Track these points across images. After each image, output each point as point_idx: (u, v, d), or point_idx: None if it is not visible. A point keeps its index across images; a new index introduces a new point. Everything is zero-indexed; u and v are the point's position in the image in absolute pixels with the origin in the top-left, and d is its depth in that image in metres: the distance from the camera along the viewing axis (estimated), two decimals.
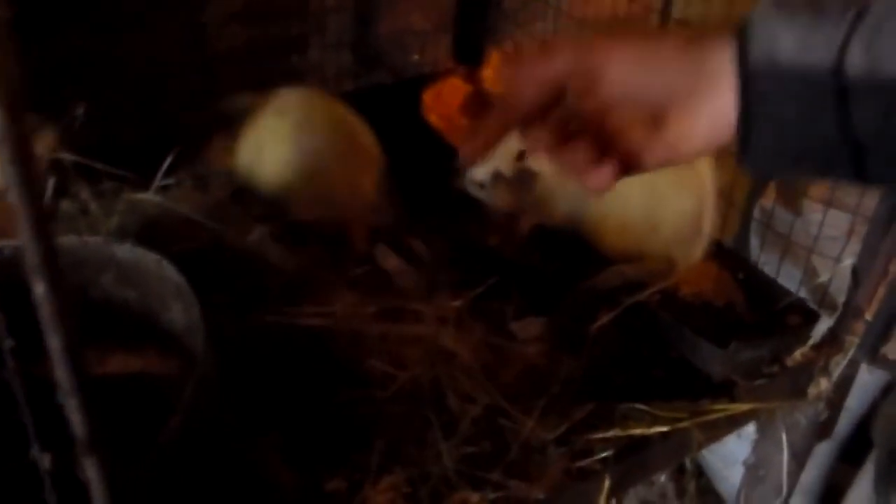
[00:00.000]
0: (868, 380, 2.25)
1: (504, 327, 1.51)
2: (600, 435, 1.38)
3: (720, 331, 1.54)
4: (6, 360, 0.73)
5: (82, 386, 0.73)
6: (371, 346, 1.36)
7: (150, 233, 1.38)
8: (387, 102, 2.09)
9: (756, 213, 2.81)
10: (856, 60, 0.62)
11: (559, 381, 1.45)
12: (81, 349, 0.72)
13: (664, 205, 1.61)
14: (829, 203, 2.31)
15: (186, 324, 1.25)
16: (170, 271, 1.22)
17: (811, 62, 0.64)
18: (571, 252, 1.67)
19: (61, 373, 0.72)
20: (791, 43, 0.65)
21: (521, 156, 1.63)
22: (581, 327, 1.52)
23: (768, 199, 2.84)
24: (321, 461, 1.26)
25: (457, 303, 1.48)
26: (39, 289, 0.67)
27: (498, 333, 1.48)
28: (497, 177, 1.66)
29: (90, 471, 0.77)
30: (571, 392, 1.44)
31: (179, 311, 1.24)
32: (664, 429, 1.41)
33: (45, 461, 0.76)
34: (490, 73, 2.03)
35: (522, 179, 1.64)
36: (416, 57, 2.34)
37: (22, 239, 0.64)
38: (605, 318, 1.53)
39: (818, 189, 2.62)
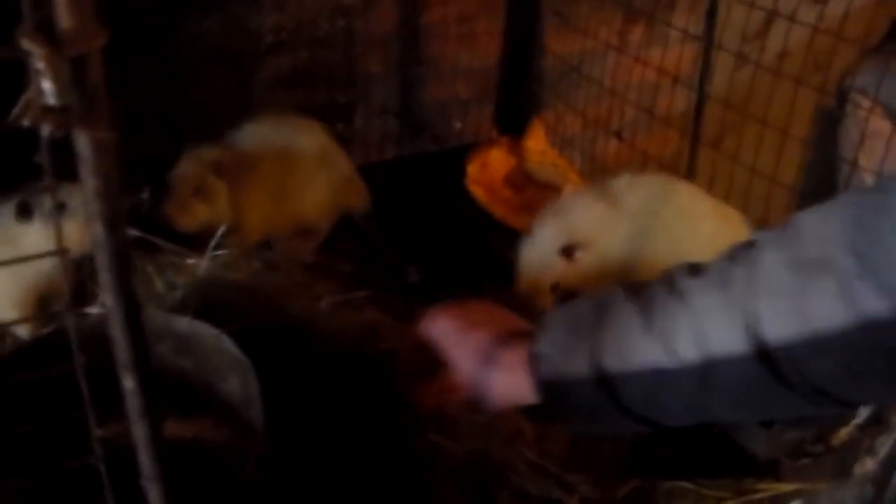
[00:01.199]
0: None
1: None
2: None
3: None
4: (94, 447, 0.77)
5: (164, 475, 0.76)
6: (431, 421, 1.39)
7: (212, 304, 1.42)
8: (430, 170, 2.14)
9: None
10: (611, 363, 0.91)
11: (604, 458, 1.46)
12: (164, 440, 0.76)
13: None
14: None
15: (244, 396, 1.29)
16: (227, 345, 1.26)
17: (577, 370, 0.92)
18: None
19: (145, 460, 0.76)
20: (560, 358, 0.94)
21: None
22: None
23: None
24: None
25: None
26: (129, 384, 0.71)
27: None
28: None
29: None
30: (616, 468, 1.45)
31: (236, 383, 1.28)
32: None
33: None
34: (532, 145, 2.08)
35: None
36: (458, 125, 2.39)
37: (114, 336, 0.69)
38: None
39: None
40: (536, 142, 2.16)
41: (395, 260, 1.84)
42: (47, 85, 0.55)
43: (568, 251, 1.64)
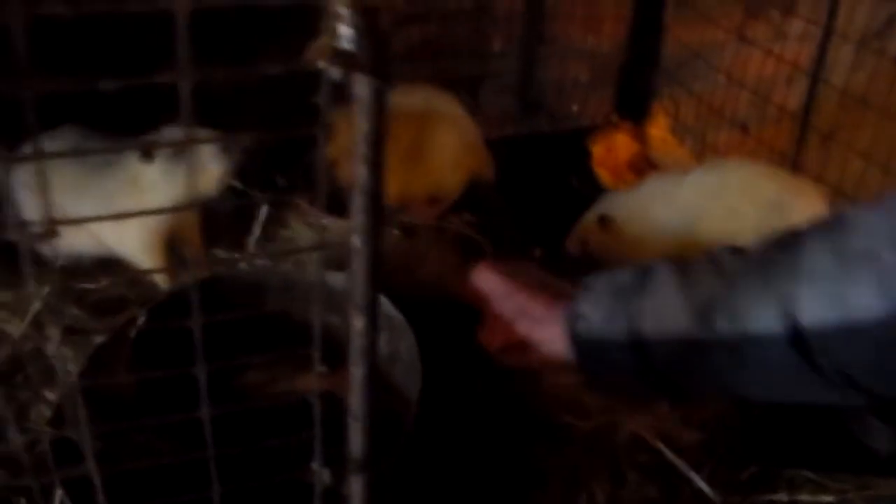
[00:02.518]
0: None
1: None
2: (767, 497, 1.40)
3: (888, 407, 1.55)
4: (310, 382, 0.81)
5: (370, 413, 0.80)
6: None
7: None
8: (546, 150, 2.16)
9: None
10: (648, 328, 0.95)
11: (727, 442, 1.47)
12: (376, 381, 0.79)
13: None
14: None
15: (389, 353, 1.33)
16: (383, 303, 1.30)
17: (614, 331, 0.98)
18: None
19: (356, 399, 0.80)
20: (598, 318, 1.00)
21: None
22: None
23: None
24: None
25: None
26: (358, 324, 0.74)
27: None
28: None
29: (355, 486, 0.84)
30: (738, 453, 1.46)
31: (384, 340, 1.31)
32: (830, 498, 1.42)
33: (325, 476, 0.84)
34: (655, 131, 2.09)
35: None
36: (575, 107, 2.40)
37: (353, 278, 0.72)
38: None
39: None
40: (658, 129, 2.17)
41: (516, 234, 1.86)
42: (345, 30, 0.59)
43: (602, 220, 1.74)
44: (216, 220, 1.66)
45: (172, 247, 1.63)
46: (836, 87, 2.53)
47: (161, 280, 1.62)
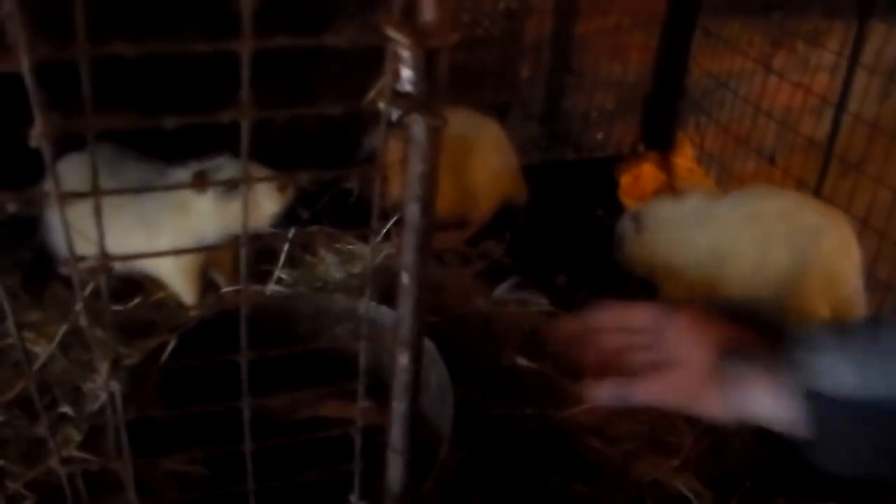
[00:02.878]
0: None
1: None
2: None
3: None
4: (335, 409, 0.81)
5: (411, 447, 0.80)
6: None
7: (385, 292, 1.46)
8: (571, 178, 2.17)
9: None
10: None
11: (753, 473, 1.47)
12: (418, 418, 0.79)
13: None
14: None
15: None
16: None
17: (873, 392, 0.84)
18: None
19: (397, 432, 0.80)
20: (852, 376, 0.85)
21: None
22: None
23: None
24: None
25: None
26: (403, 359, 0.75)
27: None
28: None
29: None
30: (766, 484, 1.46)
31: None
32: None
33: None
34: (681, 161, 2.09)
35: None
36: (599, 136, 2.41)
37: (401, 313, 0.73)
38: None
39: None
40: (684, 158, 2.18)
41: (543, 262, 1.87)
42: (407, 72, 0.59)
43: (634, 218, 1.77)
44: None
45: (205, 272, 1.65)
46: (864, 118, 2.54)
47: (190, 304, 1.63)
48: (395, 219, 1.62)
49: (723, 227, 1.71)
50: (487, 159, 1.90)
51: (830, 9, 2.52)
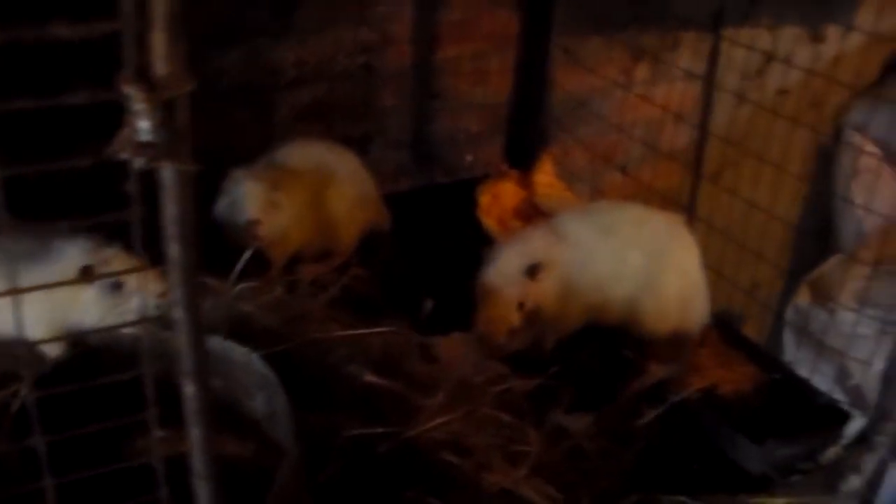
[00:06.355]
0: None
1: (556, 421, 1.61)
2: None
3: (757, 428, 1.64)
4: (154, 449, 0.85)
5: (214, 473, 0.85)
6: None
7: (235, 330, 1.50)
8: (442, 201, 2.24)
9: (790, 312, 2.92)
10: None
11: (607, 473, 1.54)
12: (216, 441, 0.84)
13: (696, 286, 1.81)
14: (862, 302, 2.41)
15: (267, 412, 1.37)
16: (256, 363, 1.34)
17: None
18: (616, 349, 1.79)
19: (197, 459, 0.84)
20: None
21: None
22: (628, 423, 1.62)
23: (803, 298, 2.95)
24: None
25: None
26: (190, 389, 0.79)
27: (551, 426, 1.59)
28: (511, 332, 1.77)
29: None
30: (618, 484, 1.53)
31: (262, 400, 1.36)
32: None
33: None
34: (541, 178, 2.17)
35: (530, 321, 1.77)
36: (469, 158, 2.48)
37: (180, 346, 0.77)
38: (650, 415, 1.63)
39: (851, 287, 2.72)
40: (545, 175, 2.26)
41: (406, 288, 1.92)
42: (143, 124, 0.65)
43: (532, 271, 1.74)
44: None
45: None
46: (720, 128, 2.66)
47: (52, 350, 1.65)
48: (245, 258, 1.67)
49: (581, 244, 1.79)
50: (345, 190, 1.95)
51: (685, 20, 2.63)
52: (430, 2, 2.27)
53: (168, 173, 0.68)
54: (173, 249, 0.71)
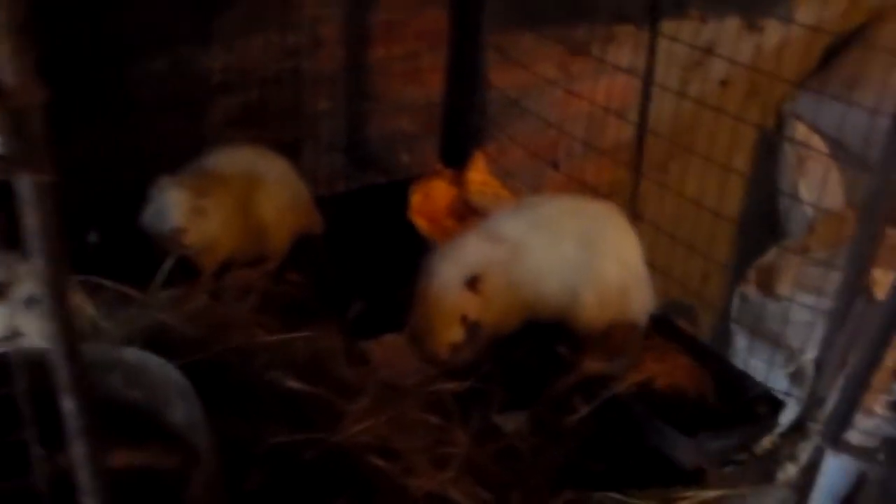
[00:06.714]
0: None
1: (487, 421, 1.60)
2: None
3: (690, 421, 1.64)
4: (35, 465, 0.83)
5: (102, 488, 0.83)
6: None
7: (156, 340, 1.48)
8: (378, 203, 2.22)
9: (736, 301, 2.93)
10: None
11: (539, 471, 1.53)
12: (103, 457, 0.82)
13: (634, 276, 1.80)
14: (798, 289, 2.43)
15: (188, 421, 1.35)
16: (173, 374, 1.32)
17: None
18: (551, 345, 1.78)
19: (84, 476, 0.82)
20: None
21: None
22: (560, 419, 1.62)
23: (748, 288, 2.96)
24: None
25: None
26: (69, 405, 0.77)
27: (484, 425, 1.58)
28: (454, 348, 1.74)
29: None
30: (550, 481, 1.52)
31: (182, 409, 1.34)
32: None
33: None
34: (474, 176, 2.16)
35: (473, 334, 1.73)
36: (405, 158, 2.47)
37: (55, 361, 0.75)
38: (583, 411, 1.63)
39: (789, 275, 2.74)
40: (478, 173, 2.25)
41: (340, 291, 1.91)
42: None
43: (472, 283, 1.71)
44: None
45: None
46: (662, 121, 2.65)
47: None
48: (166, 266, 1.65)
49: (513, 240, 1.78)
50: (274, 194, 1.94)
51: (620, 13, 2.63)
52: (359, 3, 2.25)
53: (25, 185, 0.66)
54: (39, 263, 0.69)
